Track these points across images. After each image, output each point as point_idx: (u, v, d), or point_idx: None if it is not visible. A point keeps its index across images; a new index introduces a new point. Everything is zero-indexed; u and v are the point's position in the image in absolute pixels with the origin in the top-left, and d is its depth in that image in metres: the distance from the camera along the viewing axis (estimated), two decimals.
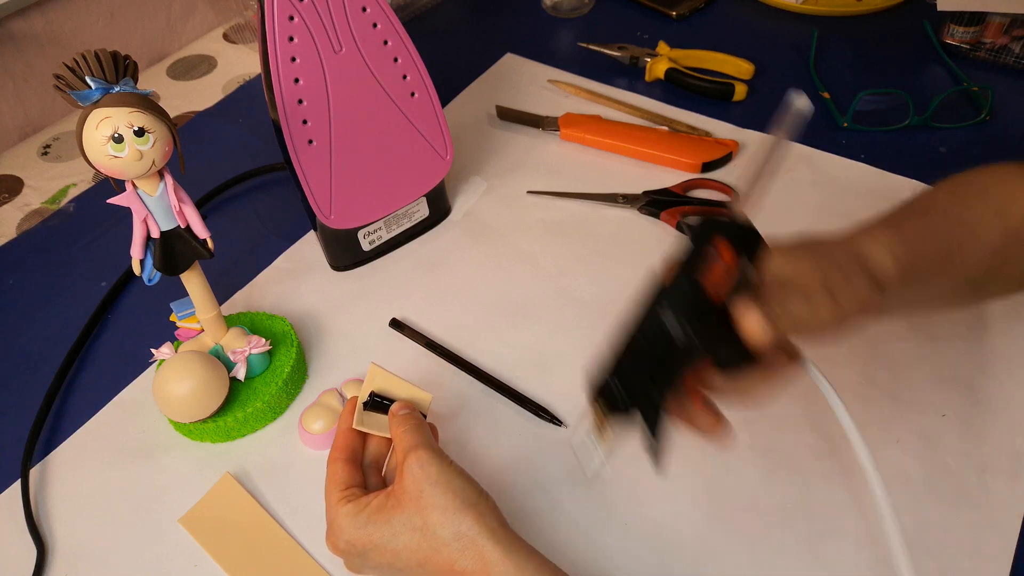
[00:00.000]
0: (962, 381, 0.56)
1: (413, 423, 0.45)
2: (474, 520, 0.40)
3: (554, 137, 0.78)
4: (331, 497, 0.44)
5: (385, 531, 0.41)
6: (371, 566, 0.43)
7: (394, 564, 0.42)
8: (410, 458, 0.42)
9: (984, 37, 0.84)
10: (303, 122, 0.57)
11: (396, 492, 0.42)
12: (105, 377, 0.61)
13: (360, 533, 0.42)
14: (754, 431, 0.54)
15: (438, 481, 0.41)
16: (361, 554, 0.42)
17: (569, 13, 0.97)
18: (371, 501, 0.42)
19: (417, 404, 0.48)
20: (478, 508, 0.41)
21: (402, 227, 0.68)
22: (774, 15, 0.95)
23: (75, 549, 0.51)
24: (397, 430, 0.45)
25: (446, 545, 0.40)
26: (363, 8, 0.56)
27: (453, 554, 0.40)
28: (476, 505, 0.41)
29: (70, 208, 0.76)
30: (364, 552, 0.42)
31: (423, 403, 0.48)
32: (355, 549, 0.42)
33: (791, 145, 0.32)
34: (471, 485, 0.42)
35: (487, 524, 0.40)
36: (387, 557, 0.42)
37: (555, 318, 0.62)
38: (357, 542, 0.42)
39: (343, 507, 0.43)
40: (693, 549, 0.49)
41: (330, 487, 0.44)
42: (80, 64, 0.41)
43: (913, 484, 0.51)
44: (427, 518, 0.40)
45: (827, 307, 0.37)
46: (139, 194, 0.46)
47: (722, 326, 0.31)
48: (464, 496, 0.41)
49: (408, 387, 0.48)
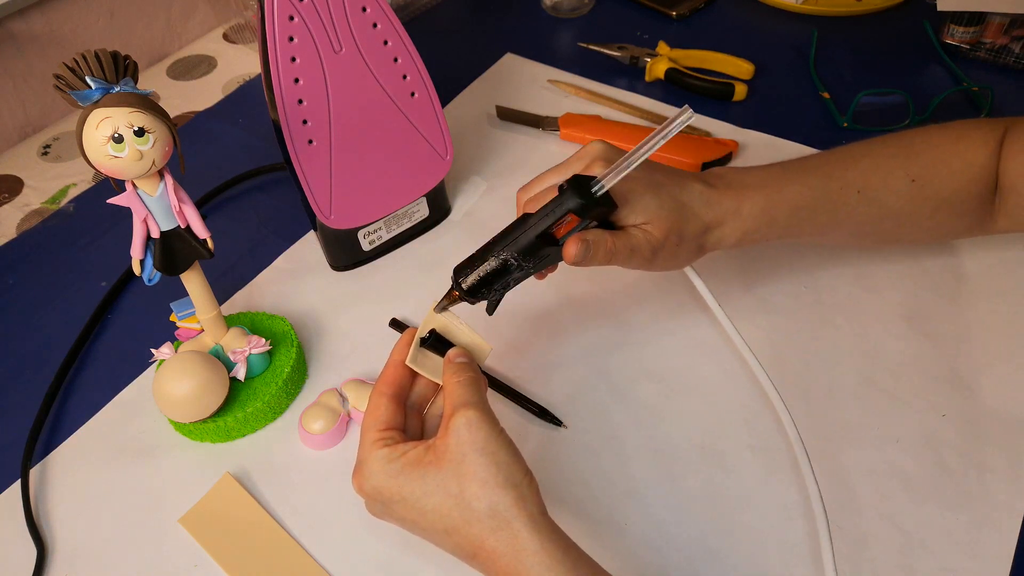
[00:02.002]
0: (962, 381, 0.56)
1: (470, 375, 0.42)
2: (514, 501, 0.37)
3: (554, 137, 0.78)
4: (368, 435, 0.41)
5: (417, 487, 0.39)
6: (393, 517, 0.41)
7: (418, 522, 0.40)
8: (459, 417, 0.39)
9: (984, 37, 0.84)
10: (303, 122, 0.57)
11: (438, 448, 0.39)
12: (105, 377, 0.61)
13: (390, 482, 0.39)
14: (754, 431, 0.54)
15: (484, 449, 0.38)
16: (386, 503, 0.40)
17: (569, 13, 0.97)
18: (409, 451, 0.40)
19: (476, 354, 0.45)
20: (520, 489, 0.38)
21: (402, 227, 0.68)
22: (774, 15, 0.95)
23: (75, 549, 0.51)
24: (452, 379, 0.42)
25: (479, 520, 0.38)
26: (363, 8, 0.56)
27: (484, 531, 0.38)
28: (519, 485, 0.38)
29: (70, 208, 0.76)
30: (389, 501, 0.40)
31: (481, 354, 0.45)
32: (381, 496, 0.40)
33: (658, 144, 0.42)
34: (518, 462, 0.39)
35: (527, 508, 0.38)
36: (412, 514, 0.39)
37: (555, 318, 0.62)
38: (385, 490, 0.40)
39: (378, 450, 0.40)
40: (693, 549, 0.49)
41: (368, 423, 0.42)
42: (80, 64, 0.41)
43: (913, 484, 0.51)
44: (465, 486, 0.38)
45: (642, 262, 0.47)
46: (139, 194, 0.46)
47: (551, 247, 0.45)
48: (508, 473, 0.38)
49: (469, 333, 0.45)
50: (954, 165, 0.53)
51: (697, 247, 0.50)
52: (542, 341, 0.61)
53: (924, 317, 0.60)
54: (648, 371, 0.58)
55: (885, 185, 0.53)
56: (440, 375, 0.44)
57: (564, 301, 0.63)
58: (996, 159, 0.53)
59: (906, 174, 0.53)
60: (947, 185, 0.53)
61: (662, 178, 0.48)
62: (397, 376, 0.44)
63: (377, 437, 0.41)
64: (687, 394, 0.57)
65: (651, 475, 0.52)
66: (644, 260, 0.47)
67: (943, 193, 0.53)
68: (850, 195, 0.52)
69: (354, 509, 0.51)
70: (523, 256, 0.44)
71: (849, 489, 0.51)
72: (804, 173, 0.52)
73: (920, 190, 0.53)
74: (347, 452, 0.55)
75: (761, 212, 0.50)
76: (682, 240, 0.48)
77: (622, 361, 0.59)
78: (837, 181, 0.52)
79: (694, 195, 0.49)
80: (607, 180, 0.43)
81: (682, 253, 0.49)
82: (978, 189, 0.53)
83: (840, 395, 0.56)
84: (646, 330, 0.61)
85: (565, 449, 0.54)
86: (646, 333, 0.61)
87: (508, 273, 0.44)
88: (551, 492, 0.51)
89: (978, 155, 0.53)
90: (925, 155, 0.53)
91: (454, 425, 0.39)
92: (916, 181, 0.52)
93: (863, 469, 0.52)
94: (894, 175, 0.53)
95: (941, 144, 0.54)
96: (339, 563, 0.49)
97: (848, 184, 0.52)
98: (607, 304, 0.63)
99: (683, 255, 0.49)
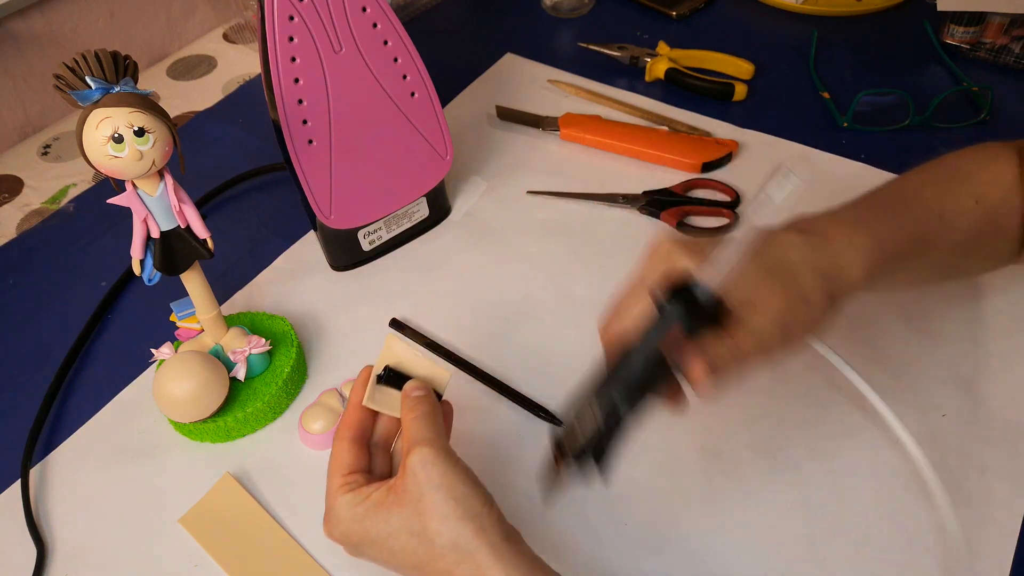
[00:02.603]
0: (962, 381, 0.56)
1: (424, 410, 0.42)
2: (474, 532, 0.38)
3: (554, 137, 0.78)
4: (332, 482, 0.42)
5: (383, 528, 0.39)
6: (367, 557, 0.42)
7: (389, 562, 0.41)
8: (414, 455, 0.40)
9: (984, 37, 0.84)
10: (303, 122, 0.57)
11: (397, 488, 0.40)
12: (105, 377, 0.61)
13: (356, 527, 0.40)
14: (754, 431, 0.54)
15: (440, 485, 0.39)
16: (356, 545, 0.41)
17: (569, 13, 0.97)
18: (371, 494, 0.40)
19: (434, 383, 0.45)
20: (479, 520, 0.38)
21: (402, 227, 0.68)
22: (774, 15, 0.95)
23: (75, 549, 0.51)
24: (408, 415, 0.42)
25: (443, 555, 0.38)
26: (363, 8, 0.56)
27: (450, 564, 0.38)
28: (478, 516, 0.38)
29: (70, 208, 0.76)
30: (359, 544, 0.41)
31: (440, 382, 0.45)
32: (350, 540, 0.41)
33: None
34: (476, 492, 0.39)
35: (487, 538, 0.38)
36: (383, 555, 0.40)
37: (555, 318, 0.62)
38: (353, 534, 0.40)
39: (342, 495, 0.41)
40: (693, 549, 0.49)
41: (333, 470, 0.42)
42: (80, 64, 0.41)
43: (913, 484, 0.51)
44: (426, 524, 0.38)
45: (777, 339, 0.40)
46: (139, 194, 0.46)
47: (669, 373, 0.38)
48: (467, 505, 0.39)
49: (426, 363, 0.45)
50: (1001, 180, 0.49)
51: (825, 299, 0.42)
52: (542, 341, 0.61)
53: (924, 316, 0.60)
54: None
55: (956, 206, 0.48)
56: (399, 410, 0.44)
57: (564, 300, 0.63)
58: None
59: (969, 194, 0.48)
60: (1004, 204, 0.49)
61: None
62: (357, 418, 0.44)
63: (341, 483, 0.41)
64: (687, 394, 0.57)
65: (651, 475, 0.52)
66: (779, 345, 0.40)
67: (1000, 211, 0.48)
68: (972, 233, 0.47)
69: None
70: (632, 394, 0.38)
71: (849, 489, 0.51)
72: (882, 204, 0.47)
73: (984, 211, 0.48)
74: None
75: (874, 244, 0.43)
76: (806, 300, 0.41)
77: None
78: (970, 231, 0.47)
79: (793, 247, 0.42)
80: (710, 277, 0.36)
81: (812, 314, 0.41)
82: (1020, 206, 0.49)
83: (840, 395, 0.56)
84: None
85: None
86: None
87: (618, 419, 0.39)
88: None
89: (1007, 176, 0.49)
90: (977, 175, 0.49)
91: (410, 464, 0.40)
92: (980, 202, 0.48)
93: (863, 469, 0.52)
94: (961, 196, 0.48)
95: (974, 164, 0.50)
96: (339, 563, 0.49)
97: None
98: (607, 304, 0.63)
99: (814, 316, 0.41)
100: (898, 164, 0.72)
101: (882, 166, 0.73)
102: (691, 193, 0.72)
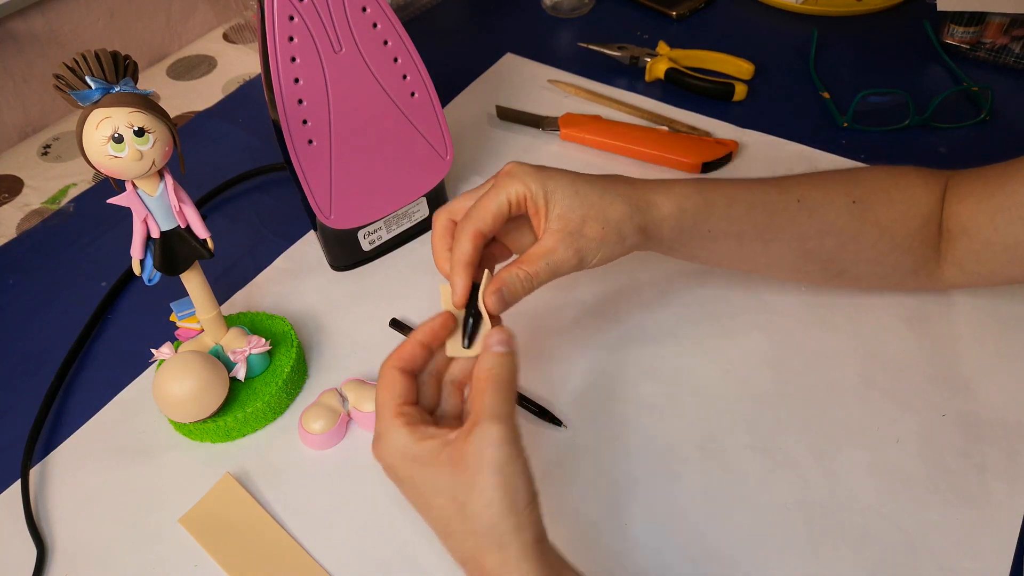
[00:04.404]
0: (962, 381, 0.56)
1: (503, 375, 0.41)
2: (513, 528, 0.37)
3: (554, 137, 0.78)
4: (387, 408, 0.41)
5: (428, 480, 0.39)
6: (401, 491, 0.41)
7: (420, 509, 0.40)
8: (484, 430, 0.38)
9: (984, 37, 0.84)
10: (303, 122, 0.57)
11: (455, 450, 0.39)
12: (105, 377, 0.61)
13: (405, 465, 0.40)
14: (754, 431, 0.54)
15: (500, 470, 0.38)
16: (397, 479, 0.41)
17: (569, 13, 0.97)
18: (428, 439, 0.39)
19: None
20: (521, 517, 0.38)
21: (402, 227, 0.68)
22: (774, 15, 0.95)
23: (75, 549, 0.51)
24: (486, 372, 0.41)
25: (476, 536, 0.38)
26: (363, 8, 0.56)
27: (480, 547, 0.38)
28: (521, 512, 0.38)
29: (70, 208, 0.76)
30: (400, 479, 0.40)
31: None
32: (395, 472, 0.40)
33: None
34: (527, 486, 0.39)
35: (522, 536, 0.38)
36: (417, 501, 0.40)
37: (555, 318, 0.62)
38: (400, 469, 0.40)
39: (400, 426, 0.40)
40: (693, 549, 0.49)
41: (385, 397, 0.41)
42: (80, 64, 0.41)
43: (913, 484, 0.51)
44: (472, 500, 0.38)
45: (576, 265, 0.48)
46: (139, 194, 0.46)
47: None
48: (515, 498, 0.38)
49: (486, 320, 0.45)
50: (895, 195, 0.54)
51: (637, 227, 0.48)
52: (542, 341, 0.61)
53: (924, 317, 0.60)
54: (648, 371, 0.58)
55: (827, 199, 0.53)
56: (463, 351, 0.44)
57: (564, 301, 0.63)
58: (939, 204, 0.54)
59: (847, 194, 0.53)
60: (888, 213, 0.53)
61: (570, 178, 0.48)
62: (413, 353, 0.43)
63: (397, 412, 0.41)
64: (688, 394, 0.57)
65: (651, 475, 0.52)
66: (575, 264, 0.47)
67: (884, 220, 0.53)
68: (790, 200, 0.52)
69: (354, 509, 0.52)
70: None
71: (849, 489, 0.51)
72: (740, 180, 0.53)
73: (862, 212, 0.53)
74: (347, 452, 0.55)
75: (694, 192, 0.50)
76: (607, 224, 0.47)
77: (622, 361, 0.59)
78: (775, 187, 0.53)
79: (612, 183, 0.49)
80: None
81: (611, 238, 0.48)
82: (919, 225, 0.54)
83: (840, 395, 0.56)
84: (646, 330, 0.61)
85: (565, 449, 0.54)
86: (646, 333, 0.61)
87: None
88: (551, 493, 0.51)
89: (919, 193, 0.54)
90: (866, 183, 0.54)
91: (476, 436, 0.38)
92: (857, 203, 0.53)
93: (863, 469, 0.52)
94: (835, 192, 0.53)
95: (882, 177, 0.55)
96: (339, 563, 0.49)
97: (787, 191, 0.53)
98: (607, 304, 0.63)
99: (619, 239, 0.48)
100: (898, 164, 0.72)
101: None
102: None
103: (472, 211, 0.47)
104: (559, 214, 0.47)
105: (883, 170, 0.56)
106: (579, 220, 0.47)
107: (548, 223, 0.47)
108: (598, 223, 0.47)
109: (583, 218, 0.47)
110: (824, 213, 0.53)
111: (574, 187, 0.47)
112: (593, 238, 0.47)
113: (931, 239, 0.55)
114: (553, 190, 0.47)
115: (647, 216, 0.49)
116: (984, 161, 0.56)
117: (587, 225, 0.47)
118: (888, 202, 0.54)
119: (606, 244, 0.48)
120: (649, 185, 0.50)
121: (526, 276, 0.46)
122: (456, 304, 0.46)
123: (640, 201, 0.49)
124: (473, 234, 0.46)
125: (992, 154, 0.56)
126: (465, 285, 0.45)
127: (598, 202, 0.47)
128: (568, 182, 0.47)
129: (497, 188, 0.47)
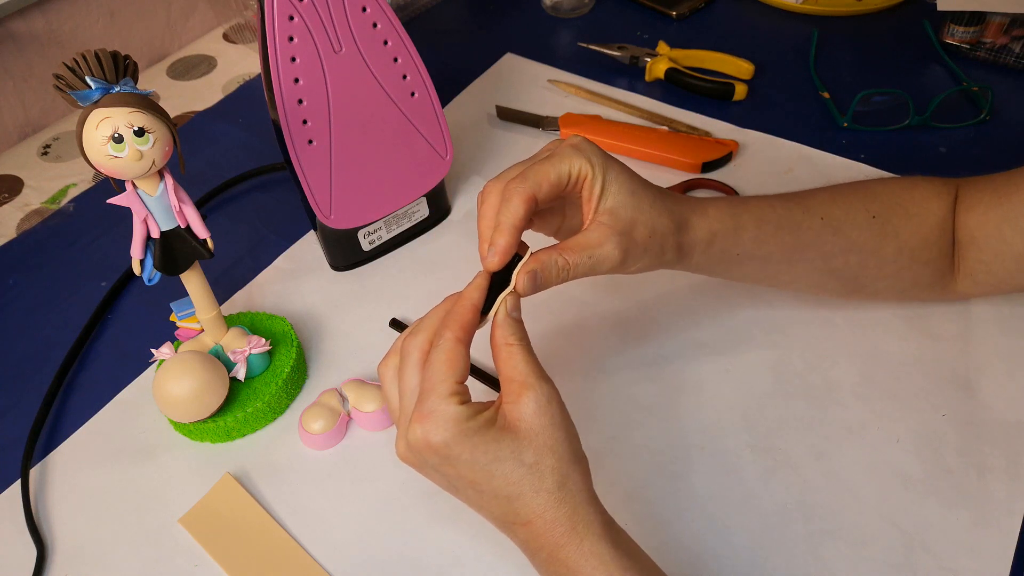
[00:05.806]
0: (962, 381, 0.56)
1: (528, 344, 0.41)
2: (580, 477, 0.39)
3: (554, 137, 0.78)
4: (442, 385, 0.39)
5: (491, 450, 0.38)
6: (441, 473, 0.39)
7: (476, 484, 0.39)
8: (535, 391, 0.39)
9: (984, 37, 0.84)
10: (303, 122, 0.57)
11: (509, 416, 0.39)
12: (105, 377, 0.61)
13: (463, 441, 0.38)
14: (754, 431, 0.54)
15: (562, 425, 0.39)
16: (446, 458, 0.38)
17: (569, 13, 0.97)
18: (482, 412, 0.39)
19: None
20: (582, 466, 0.39)
21: (402, 227, 0.68)
22: (774, 15, 0.95)
23: (75, 549, 0.51)
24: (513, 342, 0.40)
25: (548, 491, 0.38)
26: (363, 8, 0.56)
27: (549, 502, 0.38)
28: (581, 462, 0.40)
29: (70, 208, 0.76)
30: (451, 458, 0.38)
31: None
32: (447, 451, 0.38)
33: None
34: (578, 439, 0.40)
35: (586, 485, 0.39)
36: (477, 475, 0.38)
37: (555, 318, 0.62)
38: (454, 446, 0.38)
39: (455, 405, 0.38)
40: (693, 549, 0.49)
41: (445, 372, 0.39)
42: (80, 64, 0.41)
43: (913, 484, 0.51)
44: (542, 458, 0.38)
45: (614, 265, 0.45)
46: (139, 194, 0.46)
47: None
48: (575, 449, 0.39)
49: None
50: (911, 208, 0.54)
51: (676, 245, 0.47)
52: (541, 341, 0.61)
53: (924, 317, 0.60)
54: (648, 371, 0.58)
55: (847, 217, 0.52)
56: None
57: (565, 302, 0.63)
58: (951, 214, 0.54)
59: (866, 210, 0.53)
60: (906, 226, 0.53)
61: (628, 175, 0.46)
62: (474, 322, 0.41)
63: (454, 391, 0.39)
64: (687, 394, 0.57)
65: (652, 475, 0.52)
66: (615, 265, 0.45)
67: (903, 234, 0.53)
68: (814, 220, 0.52)
69: (354, 509, 0.52)
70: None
71: (849, 489, 0.51)
72: (766, 198, 0.52)
73: (881, 227, 0.53)
74: (347, 452, 0.55)
75: (727, 215, 0.49)
76: (654, 234, 0.45)
77: (622, 361, 0.59)
78: (799, 206, 0.52)
79: (661, 194, 0.47)
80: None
81: (653, 249, 0.46)
82: (936, 237, 0.54)
83: (840, 395, 0.56)
84: (646, 331, 0.61)
85: None
86: (646, 334, 0.61)
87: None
88: None
89: (932, 204, 0.54)
90: (883, 197, 0.54)
91: (529, 399, 0.39)
92: (876, 218, 0.53)
93: (863, 469, 0.52)
94: (855, 208, 0.53)
95: (896, 190, 0.55)
96: (339, 563, 0.49)
97: (811, 210, 0.52)
98: (608, 305, 0.63)
99: (659, 252, 0.46)
100: (898, 164, 0.72)
101: (882, 166, 0.73)
102: (691, 193, 0.72)
103: (529, 173, 0.43)
104: (610, 208, 0.44)
105: (896, 182, 0.56)
106: (629, 221, 0.44)
107: (597, 215, 0.44)
108: (647, 229, 0.45)
109: (633, 220, 0.44)
110: (848, 231, 0.52)
111: (631, 185, 0.45)
112: (640, 243, 0.45)
113: (946, 249, 0.55)
114: (611, 181, 0.44)
115: (685, 237, 0.47)
116: (984, 161, 0.56)
117: (636, 228, 0.44)
118: (905, 215, 0.53)
119: (649, 253, 0.46)
120: (689, 204, 0.48)
121: (564, 265, 0.43)
122: (492, 267, 0.42)
123: (682, 220, 0.47)
124: (527, 197, 0.42)
125: (992, 154, 0.56)
126: (509, 247, 0.42)
127: (649, 209, 0.45)
128: (627, 178, 0.45)
129: (559, 157, 0.43)
